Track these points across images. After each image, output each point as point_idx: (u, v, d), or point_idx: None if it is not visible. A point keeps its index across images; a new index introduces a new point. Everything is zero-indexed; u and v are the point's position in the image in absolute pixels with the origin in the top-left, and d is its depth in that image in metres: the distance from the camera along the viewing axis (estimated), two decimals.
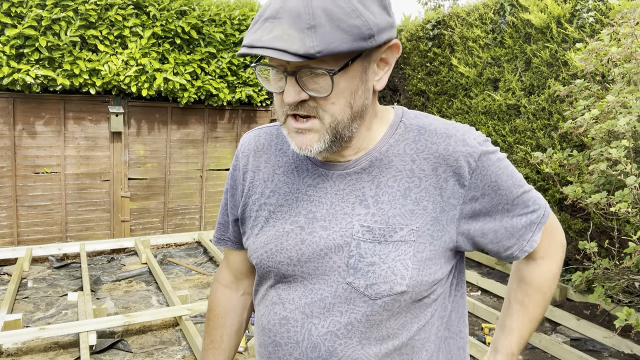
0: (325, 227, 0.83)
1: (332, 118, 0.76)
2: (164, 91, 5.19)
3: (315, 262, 0.83)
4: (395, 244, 0.79)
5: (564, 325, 3.63)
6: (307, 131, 0.77)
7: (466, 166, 0.81)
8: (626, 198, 2.40)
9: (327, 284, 0.82)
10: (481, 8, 4.87)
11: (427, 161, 0.82)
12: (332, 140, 0.78)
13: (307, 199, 0.86)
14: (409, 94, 5.98)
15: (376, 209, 0.81)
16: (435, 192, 0.81)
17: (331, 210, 0.83)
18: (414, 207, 0.81)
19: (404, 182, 0.82)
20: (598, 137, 2.70)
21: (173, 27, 5.07)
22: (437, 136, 0.83)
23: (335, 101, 0.75)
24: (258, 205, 0.91)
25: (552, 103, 4.19)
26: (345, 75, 0.74)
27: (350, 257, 0.80)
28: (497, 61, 4.74)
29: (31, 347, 3.17)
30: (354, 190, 0.83)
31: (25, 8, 4.37)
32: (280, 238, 0.86)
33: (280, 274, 0.87)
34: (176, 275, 4.62)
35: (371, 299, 0.79)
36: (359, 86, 0.77)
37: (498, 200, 0.84)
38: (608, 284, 2.77)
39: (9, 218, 4.86)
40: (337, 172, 0.85)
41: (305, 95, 0.74)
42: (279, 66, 0.74)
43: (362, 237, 0.80)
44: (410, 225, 0.80)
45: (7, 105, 4.70)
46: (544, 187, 4.30)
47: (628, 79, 2.84)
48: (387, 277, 0.78)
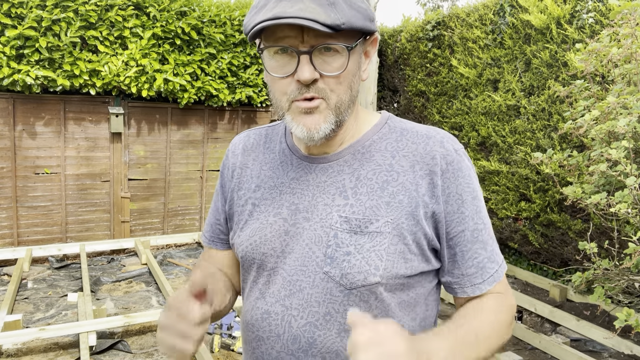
0: (308, 219, 0.84)
1: (337, 98, 0.79)
2: (164, 92, 5.20)
3: (297, 253, 0.84)
4: (370, 234, 0.80)
5: (564, 326, 3.63)
6: (315, 110, 0.79)
7: (439, 166, 0.83)
8: (626, 199, 2.40)
9: (305, 275, 0.83)
10: (481, 9, 4.87)
11: (406, 158, 0.85)
12: (335, 122, 0.81)
13: (290, 191, 0.88)
14: (408, 94, 5.98)
15: (354, 200, 0.83)
16: (411, 187, 0.83)
17: (313, 202, 0.85)
18: (390, 200, 0.82)
19: (383, 175, 0.84)
20: (598, 137, 2.70)
21: (173, 28, 5.08)
22: (418, 137, 0.87)
23: (342, 81, 0.79)
24: (244, 200, 0.94)
25: (552, 104, 4.19)
26: (352, 55, 0.78)
27: (328, 246, 0.81)
28: (497, 62, 4.74)
29: (31, 347, 3.17)
30: (334, 182, 0.85)
31: (26, 9, 4.37)
32: (264, 229, 0.87)
33: (263, 267, 0.88)
34: (176, 276, 4.62)
35: (347, 289, 0.80)
36: (356, 70, 0.81)
37: (460, 218, 0.83)
38: (608, 285, 2.77)
39: (9, 219, 4.86)
40: (319, 165, 0.87)
41: (317, 74, 0.77)
42: (291, 47, 0.76)
43: (340, 227, 0.82)
44: (385, 217, 0.81)
45: (7, 105, 4.70)
46: (544, 188, 4.30)
47: (628, 79, 2.84)
48: (362, 267, 0.79)
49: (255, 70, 5.76)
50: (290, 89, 0.79)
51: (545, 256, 4.61)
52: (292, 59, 0.77)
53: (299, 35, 0.75)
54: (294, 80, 0.78)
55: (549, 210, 4.28)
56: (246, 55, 5.64)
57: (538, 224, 4.42)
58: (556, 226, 4.28)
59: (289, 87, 0.79)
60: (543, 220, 4.35)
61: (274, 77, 0.80)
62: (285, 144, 0.94)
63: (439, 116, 5.46)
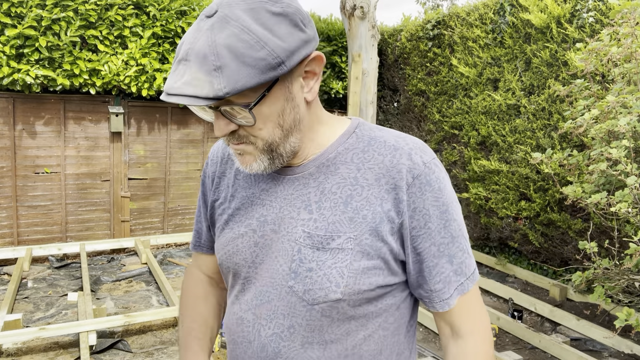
0: (276, 231, 0.84)
1: (263, 142, 0.78)
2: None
3: (267, 264, 0.84)
4: (332, 251, 0.79)
5: (564, 325, 3.63)
6: (244, 153, 0.80)
7: (405, 180, 0.80)
8: (626, 198, 2.40)
9: (273, 287, 0.83)
10: (481, 8, 4.87)
11: (371, 171, 0.82)
12: (270, 159, 0.80)
13: (260, 202, 0.88)
14: (408, 94, 5.98)
15: (318, 214, 0.82)
16: (376, 202, 0.80)
17: (280, 214, 0.85)
18: (354, 215, 0.80)
19: (347, 189, 0.82)
20: (598, 137, 2.70)
21: (173, 27, 5.07)
22: (385, 148, 0.83)
23: (262, 127, 0.76)
24: (221, 209, 0.95)
25: (552, 103, 4.19)
26: (265, 103, 0.75)
27: (292, 261, 0.81)
28: (497, 61, 4.74)
29: (31, 347, 3.17)
30: (300, 195, 0.84)
31: (25, 8, 4.37)
32: (236, 240, 0.89)
33: (237, 275, 0.89)
34: (176, 275, 4.62)
35: (309, 304, 0.80)
36: (284, 106, 0.77)
37: (426, 233, 0.81)
38: (608, 284, 2.77)
39: (9, 218, 4.86)
40: (287, 177, 0.86)
41: (233, 126, 0.77)
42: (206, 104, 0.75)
43: (303, 242, 0.81)
44: (347, 233, 0.79)
45: (7, 105, 4.70)
46: (544, 187, 4.30)
47: (628, 79, 2.84)
48: (323, 283, 0.78)
49: None
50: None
51: (546, 255, 4.61)
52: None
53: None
54: None
55: (549, 210, 4.28)
56: None
57: (538, 224, 4.42)
58: (556, 225, 4.28)
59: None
60: (543, 219, 4.35)
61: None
62: None
63: (439, 115, 5.46)
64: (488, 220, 4.96)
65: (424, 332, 3.56)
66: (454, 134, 5.30)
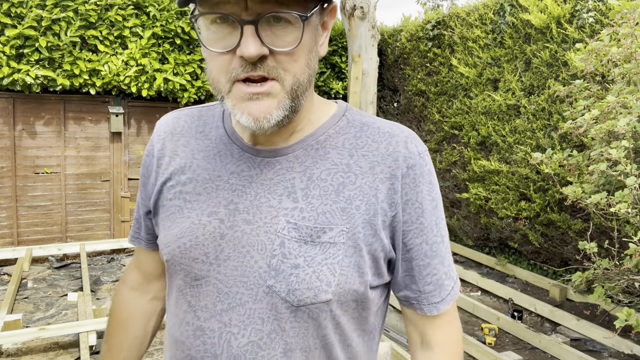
0: (249, 221, 0.72)
1: (294, 79, 0.67)
2: (164, 91, 5.19)
3: (234, 260, 0.72)
4: (323, 245, 0.70)
5: (563, 326, 3.63)
6: (265, 96, 0.66)
7: (400, 169, 0.74)
8: (626, 198, 2.40)
9: (246, 287, 0.71)
10: (481, 8, 4.87)
11: (365, 158, 0.74)
12: (291, 107, 0.68)
13: (228, 187, 0.75)
14: (408, 94, 5.98)
15: (305, 203, 0.72)
16: (370, 192, 0.72)
17: (255, 202, 0.73)
18: (346, 206, 0.71)
19: (339, 176, 0.73)
20: (598, 137, 2.70)
21: (173, 28, 5.07)
22: (379, 134, 0.76)
23: (298, 58, 0.66)
24: (173, 193, 0.79)
25: (552, 103, 4.19)
26: (307, 27, 0.66)
27: (272, 256, 0.70)
28: (497, 61, 4.74)
29: (31, 347, 3.17)
30: (282, 180, 0.73)
31: (25, 8, 4.37)
32: (196, 231, 0.74)
33: (192, 275, 0.75)
34: None
35: (294, 306, 0.70)
36: (313, 44, 0.69)
37: (418, 229, 0.75)
38: (608, 284, 2.77)
39: (9, 218, 4.86)
40: (265, 159, 0.75)
41: (266, 49, 0.63)
42: (232, 14, 0.62)
43: (288, 234, 0.70)
44: (340, 226, 0.71)
45: (7, 105, 4.70)
46: (544, 188, 4.30)
47: (628, 79, 2.84)
48: (312, 282, 0.69)
49: None
50: (232, 66, 0.65)
51: (545, 256, 4.61)
52: (233, 30, 0.63)
53: (242, 0, 0.62)
54: (237, 56, 0.64)
55: (549, 210, 4.28)
56: None
57: (538, 224, 4.42)
58: (556, 226, 4.28)
59: (230, 65, 0.65)
60: (543, 219, 4.35)
61: (212, 53, 0.66)
62: (223, 130, 0.81)
63: (438, 115, 5.46)
64: (488, 220, 4.96)
65: None
66: (454, 134, 5.30)
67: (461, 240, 5.62)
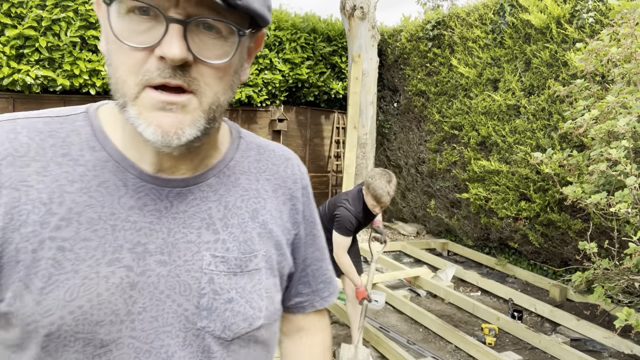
0: (164, 262, 0.63)
1: (214, 98, 0.60)
2: None
3: (152, 311, 0.62)
4: (250, 273, 0.67)
5: (564, 326, 3.63)
6: (180, 108, 0.57)
7: (300, 190, 0.78)
8: (626, 198, 2.41)
9: (171, 337, 0.62)
10: (481, 8, 4.87)
11: (269, 182, 0.75)
12: (205, 129, 0.60)
13: (130, 226, 0.62)
14: (408, 94, 5.98)
15: (227, 234, 0.67)
16: (277, 214, 0.74)
17: (170, 239, 0.63)
18: (262, 231, 0.71)
19: (252, 203, 0.71)
20: (598, 137, 2.71)
21: None
22: (276, 157, 0.78)
23: (223, 76, 0.60)
24: (37, 242, 0.59)
25: (552, 103, 4.19)
26: (240, 45, 0.60)
27: (201, 296, 0.64)
28: (497, 62, 4.74)
29: None
30: (198, 212, 0.66)
31: (25, 8, 4.37)
32: (95, 288, 0.59)
33: (95, 343, 0.59)
34: None
35: (227, 341, 0.66)
36: (239, 67, 0.63)
37: (312, 240, 0.80)
38: (608, 285, 2.77)
39: None
40: (175, 189, 0.65)
41: (192, 56, 0.55)
42: (158, 7, 0.54)
43: (216, 269, 0.65)
44: (261, 251, 0.70)
45: (7, 105, 4.70)
46: (544, 188, 4.30)
47: (628, 79, 2.84)
48: (247, 312, 0.66)
49: (255, 70, 5.76)
50: (145, 67, 0.55)
51: (545, 256, 4.61)
52: (156, 26, 0.55)
53: None
54: (155, 56, 0.55)
55: (549, 210, 4.29)
56: None
57: (538, 224, 4.42)
58: (556, 226, 4.28)
59: (143, 66, 0.56)
60: (543, 219, 4.35)
61: (122, 46, 0.56)
62: (103, 153, 0.64)
63: (439, 116, 5.46)
64: (488, 220, 4.96)
65: (424, 332, 3.56)
66: (454, 134, 5.30)
67: (461, 240, 5.62)
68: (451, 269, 4.67)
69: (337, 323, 3.65)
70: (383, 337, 3.21)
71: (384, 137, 6.54)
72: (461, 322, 3.77)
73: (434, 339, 3.46)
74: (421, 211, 6.13)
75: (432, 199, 5.83)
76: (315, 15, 6.51)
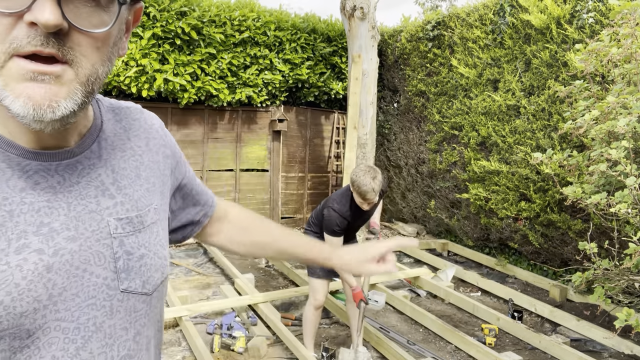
0: (73, 238, 0.61)
1: (92, 69, 0.56)
2: (164, 92, 5.20)
3: (73, 288, 0.61)
4: (150, 227, 0.71)
5: (564, 326, 3.63)
6: (54, 79, 0.53)
7: (163, 136, 0.81)
8: (626, 199, 2.41)
9: (97, 308, 0.63)
10: (481, 9, 4.87)
11: (138, 138, 0.75)
12: (82, 103, 0.56)
13: (28, 209, 0.59)
14: (408, 94, 5.98)
15: (122, 196, 0.68)
16: (154, 166, 0.76)
17: (72, 214, 0.62)
18: (148, 186, 0.73)
19: (132, 161, 0.72)
20: (598, 137, 2.71)
21: (173, 28, 5.08)
22: (133, 112, 0.78)
23: (101, 46, 0.56)
24: None
25: (552, 104, 4.19)
26: (119, 16, 0.58)
27: (116, 260, 0.64)
28: (497, 62, 4.74)
29: None
30: (90, 180, 0.65)
31: None
32: (11, 279, 0.56)
33: (21, 335, 0.57)
34: (176, 276, 4.62)
35: (148, 295, 0.69)
36: (118, 39, 0.61)
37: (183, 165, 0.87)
38: (608, 285, 2.77)
39: None
40: (63, 162, 0.63)
41: (67, 23, 0.51)
42: None
43: (124, 231, 0.66)
44: (152, 204, 0.73)
45: None
46: (544, 188, 4.30)
47: (628, 79, 2.84)
48: (157, 263, 0.70)
49: (255, 70, 5.76)
50: (12, 35, 0.51)
51: (545, 256, 4.61)
52: None
53: None
54: (24, 23, 0.50)
55: (549, 210, 4.29)
56: (246, 55, 5.65)
57: (538, 224, 4.42)
58: (556, 226, 4.28)
59: (9, 33, 0.51)
60: (543, 220, 4.35)
61: None
62: None
63: (439, 116, 5.46)
64: (488, 220, 4.96)
65: (424, 332, 3.56)
66: (454, 134, 5.30)
67: (461, 240, 5.62)
68: (451, 269, 4.67)
69: (338, 323, 3.65)
70: (383, 337, 3.21)
71: (384, 137, 6.54)
72: (461, 323, 3.77)
73: (434, 339, 3.46)
74: (421, 211, 6.13)
75: (432, 199, 5.83)
76: (315, 15, 6.51)
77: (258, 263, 5.04)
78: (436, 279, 4.53)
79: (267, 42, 5.80)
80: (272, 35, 5.82)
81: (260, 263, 5.04)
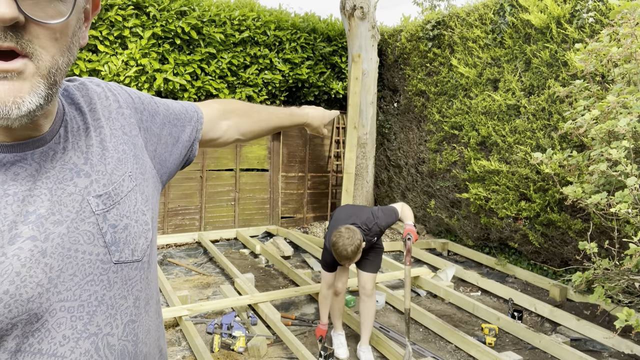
0: (60, 222, 0.64)
1: (52, 61, 0.56)
2: (164, 92, 5.20)
3: (69, 269, 0.63)
4: (127, 196, 0.72)
5: (564, 326, 3.63)
6: (16, 75, 0.54)
7: (115, 99, 0.79)
8: (626, 199, 2.41)
9: (95, 284, 0.66)
10: (481, 8, 4.87)
11: (94, 112, 0.75)
12: (47, 95, 0.57)
13: (12, 199, 0.60)
14: (408, 94, 5.98)
15: (95, 173, 0.70)
16: (118, 133, 0.76)
17: (54, 199, 0.64)
18: (118, 155, 0.74)
19: (95, 135, 0.73)
20: (598, 137, 2.71)
21: (173, 28, 5.08)
22: (80, 88, 0.77)
23: (60, 37, 0.57)
24: None
25: (552, 103, 4.19)
26: (76, 5, 0.58)
27: (104, 235, 0.67)
28: (497, 61, 4.74)
29: None
30: (64, 164, 0.67)
31: None
32: (12, 268, 0.58)
33: (31, 320, 0.60)
34: (176, 276, 4.62)
35: (139, 261, 0.72)
36: (77, 29, 0.61)
37: (154, 106, 0.87)
38: (608, 285, 2.77)
39: None
40: (37, 150, 0.64)
41: (23, 16, 0.52)
42: None
43: (105, 206, 0.68)
44: (126, 173, 0.74)
45: None
46: (544, 188, 4.30)
47: (628, 79, 2.84)
48: (139, 230, 0.72)
49: (255, 70, 5.75)
50: None
51: (546, 256, 4.61)
52: None
53: None
54: None
55: (549, 210, 4.29)
56: (246, 55, 5.64)
57: (538, 224, 4.42)
58: (556, 226, 4.28)
59: None
60: (543, 219, 4.35)
61: None
62: None
63: (439, 116, 5.46)
64: (488, 220, 4.96)
65: (424, 332, 3.56)
66: (454, 134, 5.30)
67: (461, 240, 5.62)
68: (451, 268, 4.67)
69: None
70: (383, 337, 3.21)
71: (384, 137, 6.53)
72: (461, 322, 3.77)
73: (434, 338, 3.46)
74: (421, 211, 6.12)
75: (432, 199, 5.83)
76: (315, 15, 6.51)
77: (258, 263, 5.04)
78: (436, 279, 4.53)
79: (267, 41, 5.80)
80: (272, 34, 5.82)
81: (260, 263, 5.04)
